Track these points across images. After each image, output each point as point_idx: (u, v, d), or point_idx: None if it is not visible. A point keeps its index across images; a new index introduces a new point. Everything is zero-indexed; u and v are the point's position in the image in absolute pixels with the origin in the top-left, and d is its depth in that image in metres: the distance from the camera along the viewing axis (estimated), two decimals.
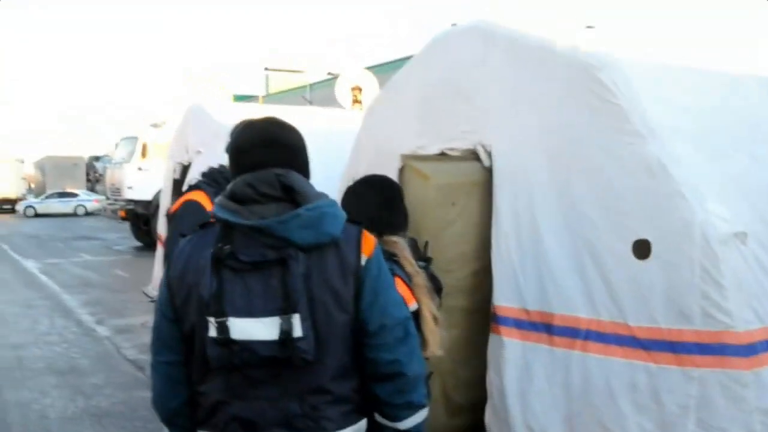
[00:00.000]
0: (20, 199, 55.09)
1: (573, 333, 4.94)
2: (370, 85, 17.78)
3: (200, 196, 4.53)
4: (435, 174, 5.70)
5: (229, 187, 2.61)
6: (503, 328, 5.36)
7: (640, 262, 4.56)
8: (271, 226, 2.45)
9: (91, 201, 48.70)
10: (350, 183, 4.18)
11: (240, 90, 49.56)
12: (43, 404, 7.69)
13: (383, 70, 19.06)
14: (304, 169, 2.69)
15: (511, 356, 5.29)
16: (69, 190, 52.25)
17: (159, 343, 2.70)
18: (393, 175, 6.09)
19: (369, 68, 20.83)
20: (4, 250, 26.24)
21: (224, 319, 2.40)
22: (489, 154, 5.64)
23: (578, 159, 5.01)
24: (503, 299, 5.36)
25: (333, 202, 2.58)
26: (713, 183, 4.63)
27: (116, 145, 29.09)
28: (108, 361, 9.92)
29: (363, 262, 2.51)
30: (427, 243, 5.56)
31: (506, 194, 5.44)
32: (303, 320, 2.38)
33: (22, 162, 61.20)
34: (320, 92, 34.45)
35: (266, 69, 45.45)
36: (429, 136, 6.32)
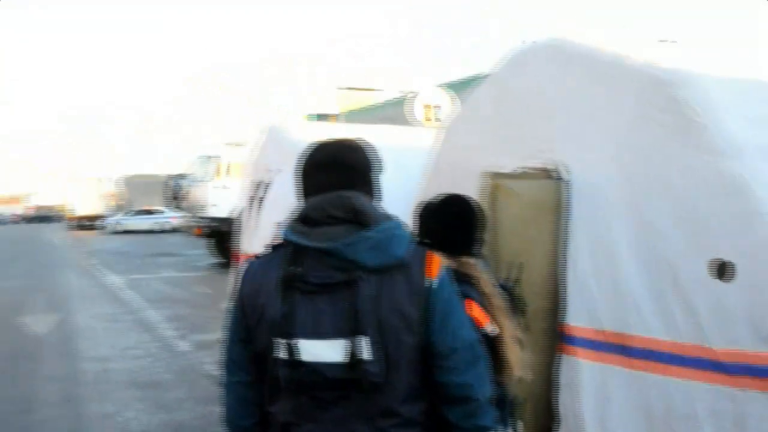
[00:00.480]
0: (101, 217, 56.52)
1: (652, 355, 4.83)
2: (443, 103, 17.79)
3: None
4: (525, 192, 5.67)
5: (298, 209, 2.63)
6: (578, 350, 5.28)
7: (722, 284, 4.45)
8: (339, 248, 2.46)
9: (174, 218, 49.62)
10: (426, 201, 4.08)
11: (315, 109, 50.01)
12: (125, 417, 7.86)
13: (456, 88, 19.02)
14: (370, 189, 2.69)
15: (587, 379, 5.20)
16: (153, 207, 53.37)
17: (230, 363, 2.73)
18: (471, 194, 6.10)
19: (442, 86, 20.84)
20: (92, 265, 26.97)
21: (293, 340, 2.44)
22: (565, 173, 5.59)
23: (655, 177, 4.91)
24: (577, 320, 5.29)
25: (399, 224, 2.58)
26: None
27: (194, 164, 29.67)
28: (189, 376, 10.06)
29: (430, 284, 2.48)
30: (521, 264, 5.49)
31: (582, 213, 5.37)
32: (372, 342, 2.39)
33: (106, 180, 62.91)
34: (393, 110, 34.52)
35: (339, 88, 45.77)
36: (506, 154, 6.29)
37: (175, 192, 57.73)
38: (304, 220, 2.57)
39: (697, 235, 4.60)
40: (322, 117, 43.20)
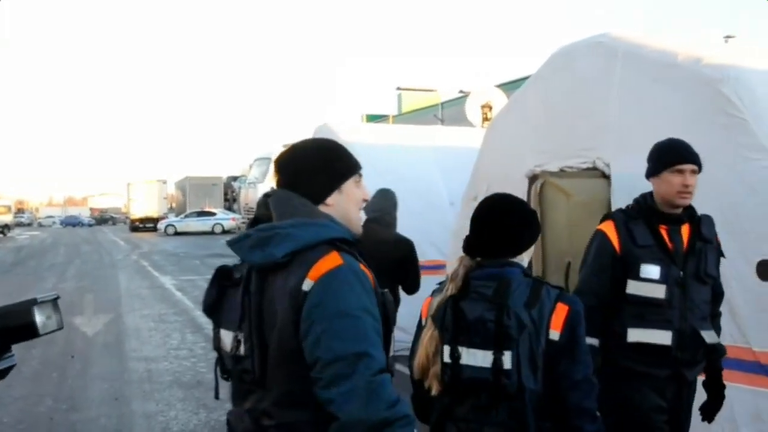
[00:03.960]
0: (162, 218, 57.35)
1: None
2: (501, 103, 17.65)
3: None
4: (577, 191, 5.56)
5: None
6: None
7: (765, 284, 4.30)
8: (231, 245, 2.50)
9: (228, 219, 50.10)
10: (470, 202, 3.95)
11: (373, 110, 50.12)
12: (167, 416, 7.87)
13: (514, 87, 18.90)
14: (310, 189, 2.53)
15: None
16: (207, 209, 53.99)
17: None
18: (516, 193, 5.99)
19: (499, 85, 20.71)
20: (144, 266, 27.31)
21: (217, 329, 2.54)
22: (609, 172, 5.46)
23: (701, 176, 4.76)
24: None
25: (301, 223, 2.42)
26: None
27: (250, 166, 29.90)
28: None
29: (306, 286, 2.30)
30: (569, 264, 5.40)
31: None
32: (245, 340, 2.39)
33: (165, 182, 63.86)
34: (452, 110, 34.40)
35: (398, 88, 45.77)
36: (548, 153, 6.20)
37: (229, 194, 58.69)
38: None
39: (741, 235, 4.49)
40: (379, 118, 43.31)
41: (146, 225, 59.15)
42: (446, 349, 3.07)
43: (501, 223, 3.19)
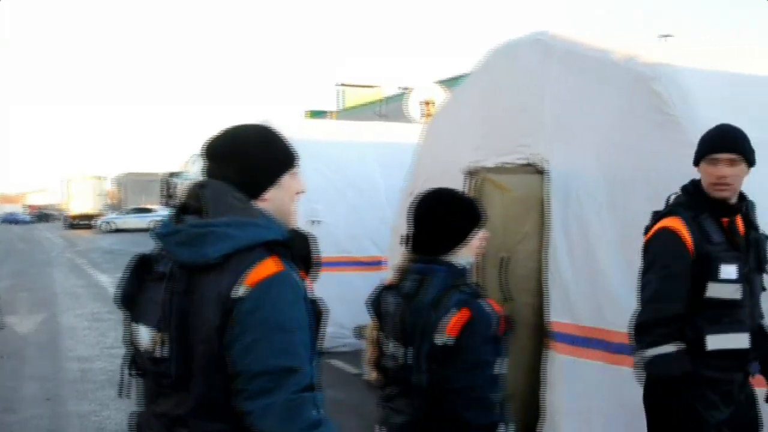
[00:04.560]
0: (100, 215, 56.49)
1: (630, 350, 4.75)
2: (442, 99, 17.68)
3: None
4: (514, 186, 5.60)
5: None
6: (559, 345, 5.25)
7: None
8: (158, 237, 2.31)
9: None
10: (408, 197, 3.92)
11: (314, 105, 50.02)
12: (101, 416, 7.75)
13: (455, 84, 18.96)
14: (247, 181, 2.37)
15: (569, 374, 5.18)
16: (146, 206, 53.35)
17: None
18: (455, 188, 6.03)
19: (440, 82, 20.75)
20: (80, 264, 26.88)
21: (134, 324, 2.34)
22: (546, 168, 5.51)
23: (636, 173, 4.85)
24: (558, 316, 5.26)
25: (239, 222, 2.25)
26: None
27: (189, 162, 29.62)
28: None
29: (240, 292, 2.14)
30: (502, 259, 5.44)
31: (560, 209, 5.33)
32: (169, 341, 2.20)
33: (103, 179, 62.87)
34: (393, 106, 34.41)
35: (339, 84, 45.70)
36: (485, 149, 6.23)
37: (169, 190, 58.00)
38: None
39: None
40: (321, 114, 43.17)
41: (84, 222, 58.14)
42: (380, 336, 3.19)
43: (429, 217, 3.18)
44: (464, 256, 3.14)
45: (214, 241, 2.19)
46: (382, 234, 9.02)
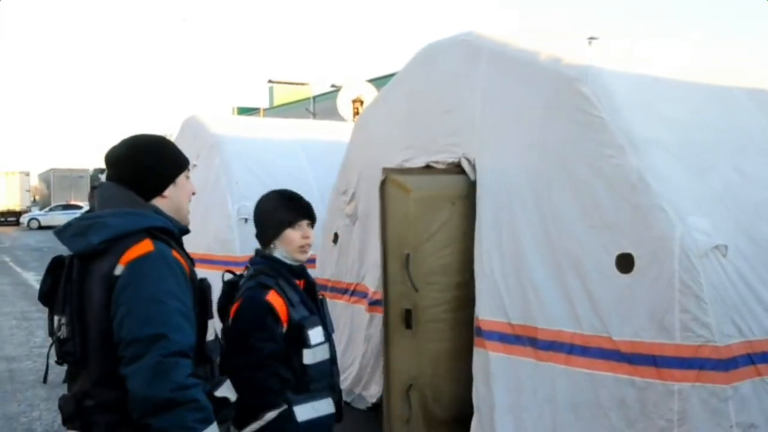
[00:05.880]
0: (25, 212, 55.16)
1: (557, 347, 4.89)
2: (372, 97, 17.68)
3: None
4: (416, 187, 5.69)
5: None
6: (489, 343, 5.32)
7: (624, 276, 4.51)
8: (57, 234, 2.68)
9: None
10: (339, 195, 3.97)
11: (244, 102, 49.61)
12: (30, 417, 7.64)
13: (385, 82, 19.00)
14: (138, 183, 2.75)
15: (499, 371, 5.25)
16: (73, 202, 52.26)
17: None
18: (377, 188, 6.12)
19: (371, 80, 20.79)
20: (5, 262, 26.25)
21: (53, 316, 2.68)
22: (473, 168, 5.61)
23: (561, 172, 4.96)
24: (487, 313, 5.33)
25: (121, 212, 2.62)
26: (696, 196, 4.58)
27: None
28: None
29: (117, 271, 2.51)
30: (408, 255, 5.55)
31: (488, 208, 5.41)
32: (67, 324, 2.56)
33: (28, 174, 61.34)
34: (324, 104, 34.38)
35: (270, 81, 45.38)
36: (415, 148, 6.30)
37: (95, 186, 56.94)
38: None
39: (601, 229, 4.67)
40: (251, 111, 42.86)
41: (8, 219, 56.68)
42: None
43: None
44: (277, 249, 3.62)
45: (98, 230, 2.56)
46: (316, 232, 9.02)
